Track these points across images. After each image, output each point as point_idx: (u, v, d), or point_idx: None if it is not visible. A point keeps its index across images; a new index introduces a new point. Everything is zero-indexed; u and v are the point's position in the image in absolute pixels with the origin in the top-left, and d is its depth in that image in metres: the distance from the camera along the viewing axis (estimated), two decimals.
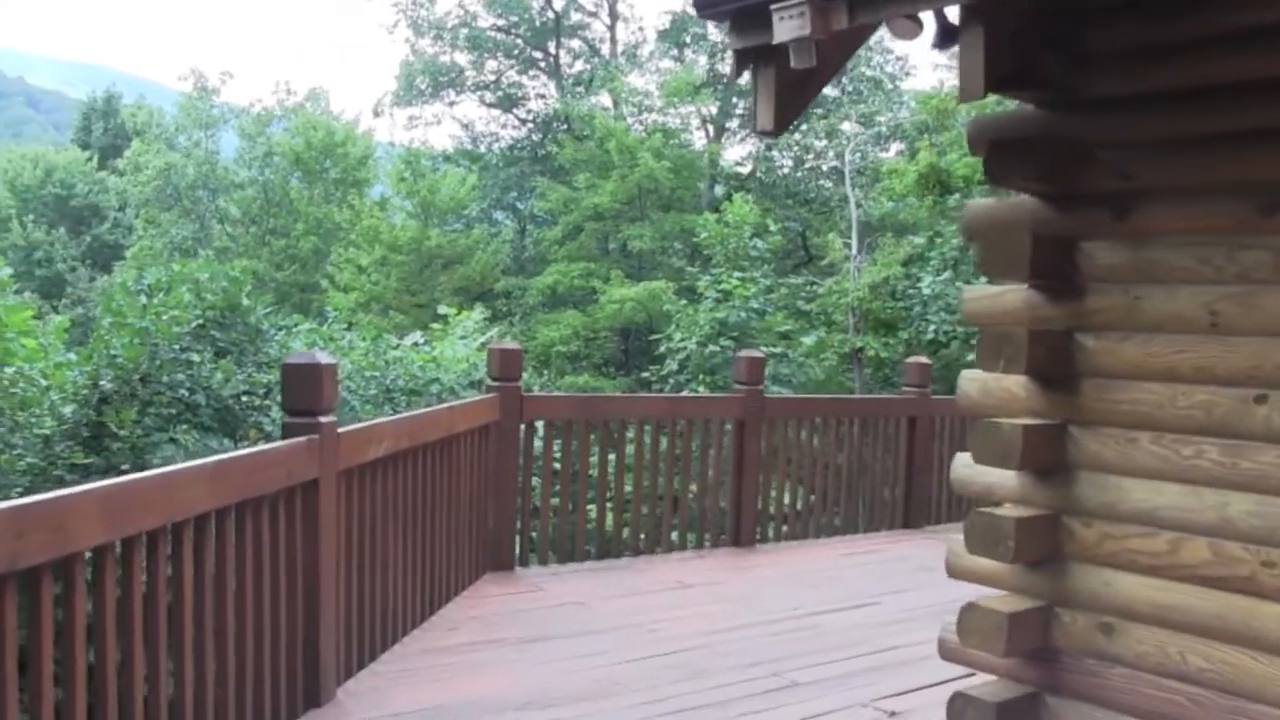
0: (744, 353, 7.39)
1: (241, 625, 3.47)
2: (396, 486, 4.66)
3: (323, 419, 3.84)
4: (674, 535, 7.11)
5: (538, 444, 6.61)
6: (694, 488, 7.19)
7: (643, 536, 6.91)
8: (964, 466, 3.97)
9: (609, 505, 6.75)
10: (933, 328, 16.57)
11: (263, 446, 3.61)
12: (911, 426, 8.22)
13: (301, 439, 3.76)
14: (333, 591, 3.99)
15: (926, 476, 8.34)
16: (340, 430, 4.00)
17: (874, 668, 4.89)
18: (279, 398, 11.63)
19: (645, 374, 19.94)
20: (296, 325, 13.57)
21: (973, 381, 3.94)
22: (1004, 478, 3.80)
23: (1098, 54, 3.58)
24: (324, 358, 3.86)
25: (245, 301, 11.38)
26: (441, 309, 16.80)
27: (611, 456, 6.81)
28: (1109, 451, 3.57)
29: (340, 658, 4.14)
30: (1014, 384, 3.77)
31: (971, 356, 12.32)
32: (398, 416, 4.71)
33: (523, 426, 6.25)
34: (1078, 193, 3.63)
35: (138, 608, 2.87)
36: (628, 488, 7.00)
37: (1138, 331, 3.51)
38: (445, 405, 5.26)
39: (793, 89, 3.66)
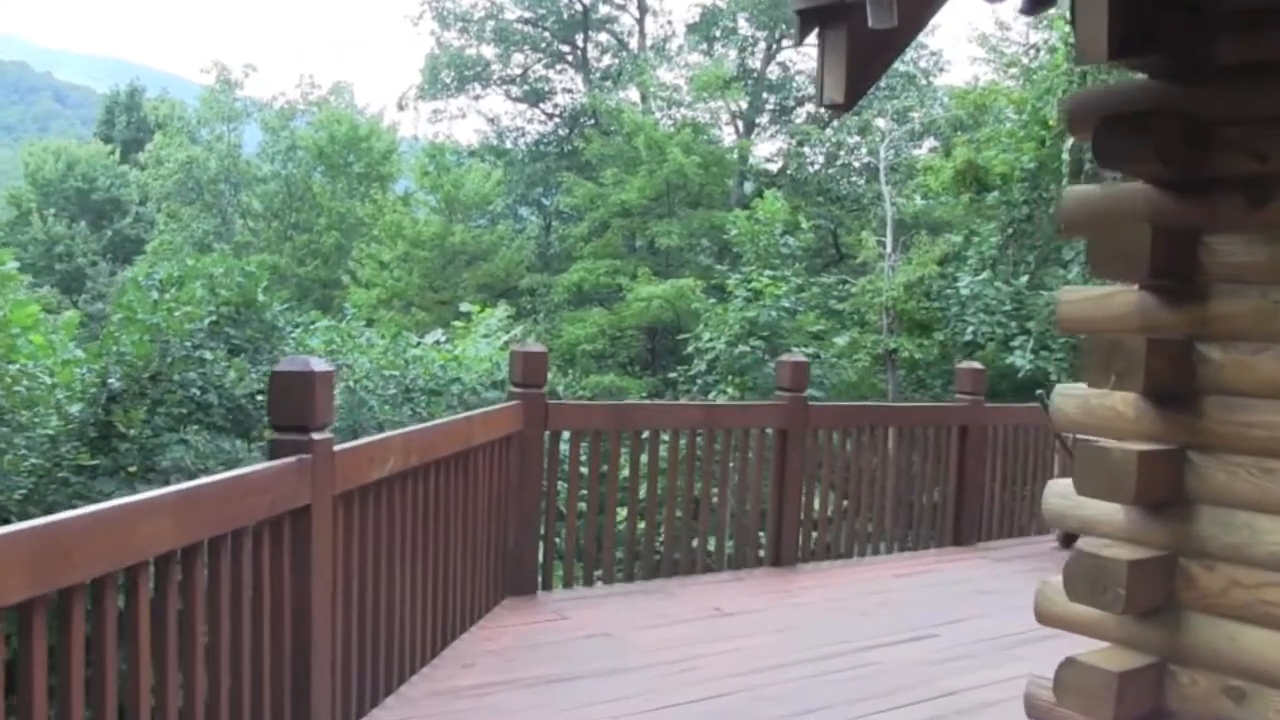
0: (787, 357, 6.83)
1: (215, 686, 2.94)
2: (405, 508, 4.14)
3: (316, 436, 3.31)
4: (709, 554, 6.57)
5: (563, 449, 6.10)
6: (731, 503, 6.65)
7: (676, 557, 6.36)
8: (1058, 497, 3.42)
9: (640, 523, 6.22)
10: (970, 329, 16.00)
11: (240, 471, 3.09)
12: (963, 437, 7.65)
13: (291, 460, 3.23)
14: (327, 633, 3.46)
15: (978, 490, 7.77)
16: (338, 448, 3.48)
17: (938, 717, 4.32)
18: None
19: (672, 374, 19.55)
20: (314, 322, 13.15)
21: (1070, 397, 3.38)
22: (1107, 512, 3.25)
23: (1230, 16, 3.03)
24: (318, 365, 3.34)
25: (261, 297, 10.97)
26: (464, 306, 16.36)
27: (643, 469, 6.27)
28: (1239, 483, 3.01)
29: (336, 708, 3.62)
30: (1121, 402, 3.22)
31: (1014, 359, 11.74)
32: (407, 430, 4.18)
33: (548, 436, 5.71)
34: (1203, 177, 3.08)
35: (77, 673, 2.35)
36: (659, 503, 6.46)
37: (1275, 342, 2.95)
38: (462, 415, 4.74)
39: (866, 54, 3.14)
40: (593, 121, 29.03)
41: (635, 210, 24.56)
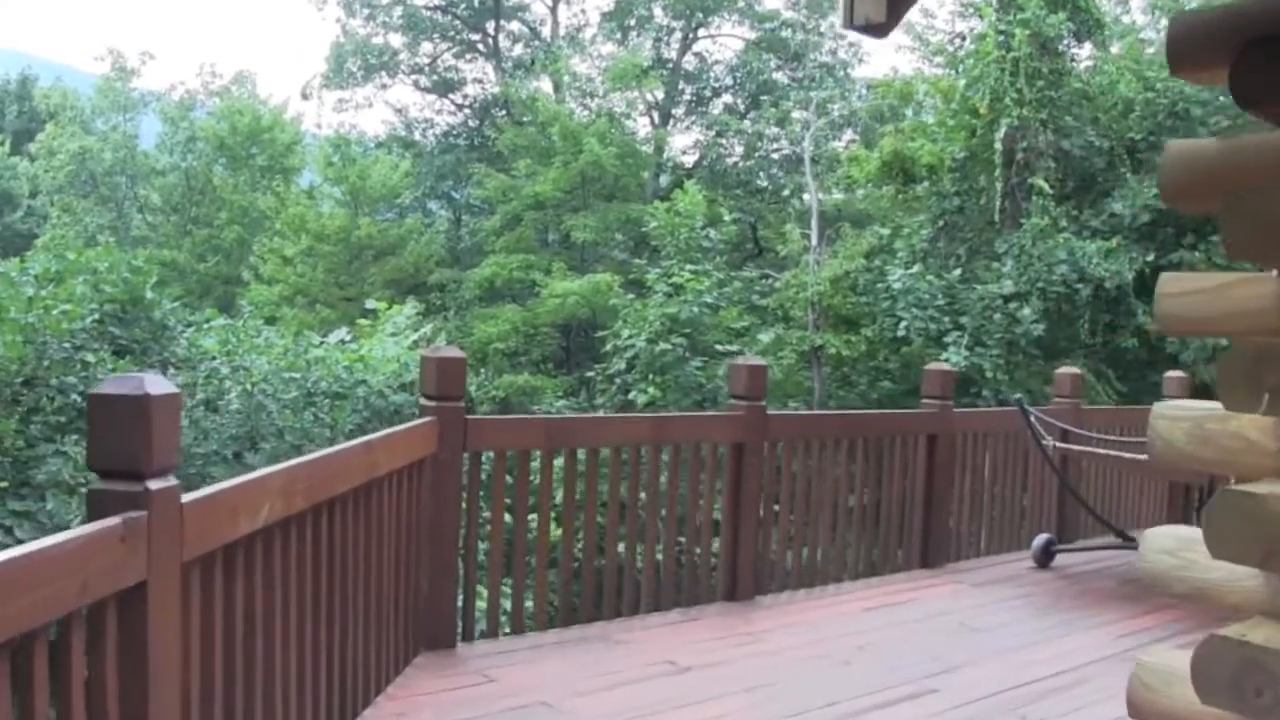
0: (742, 360, 5.96)
1: None
2: (288, 565, 3.19)
3: (154, 485, 2.36)
4: (657, 591, 5.68)
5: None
6: (682, 532, 5.78)
7: (619, 597, 5.45)
8: (1163, 553, 2.58)
9: (576, 559, 5.32)
10: (903, 324, 15.38)
11: (34, 546, 2.10)
12: (931, 446, 6.86)
13: (115, 521, 2.27)
14: None
15: (946, 506, 6.99)
16: (189, 499, 2.53)
17: None
18: (188, 401, 10.26)
19: (590, 373, 18.89)
20: (209, 320, 12.15)
21: (1177, 421, 2.54)
22: (1240, 577, 2.42)
23: None
24: (156, 386, 2.38)
25: (150, 294, 10.20)
26: (370, 303, 15.55)
27: (580, 494, 5.37)
28: None
29: None
30: (1255, 428, 2.39)
31: (947, 355, 11.04)
32: (288, 466, 3.21)
33: (467, 459, 4.77)
34: None
35: None
36: (599, 535, 5.54)
37: None
38: (361, 442, 3.79)
39: None
40: (505, 112, 28.04)
41: (549, 203, 23.68)
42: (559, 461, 5.33)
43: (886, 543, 6.73)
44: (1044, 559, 7.08)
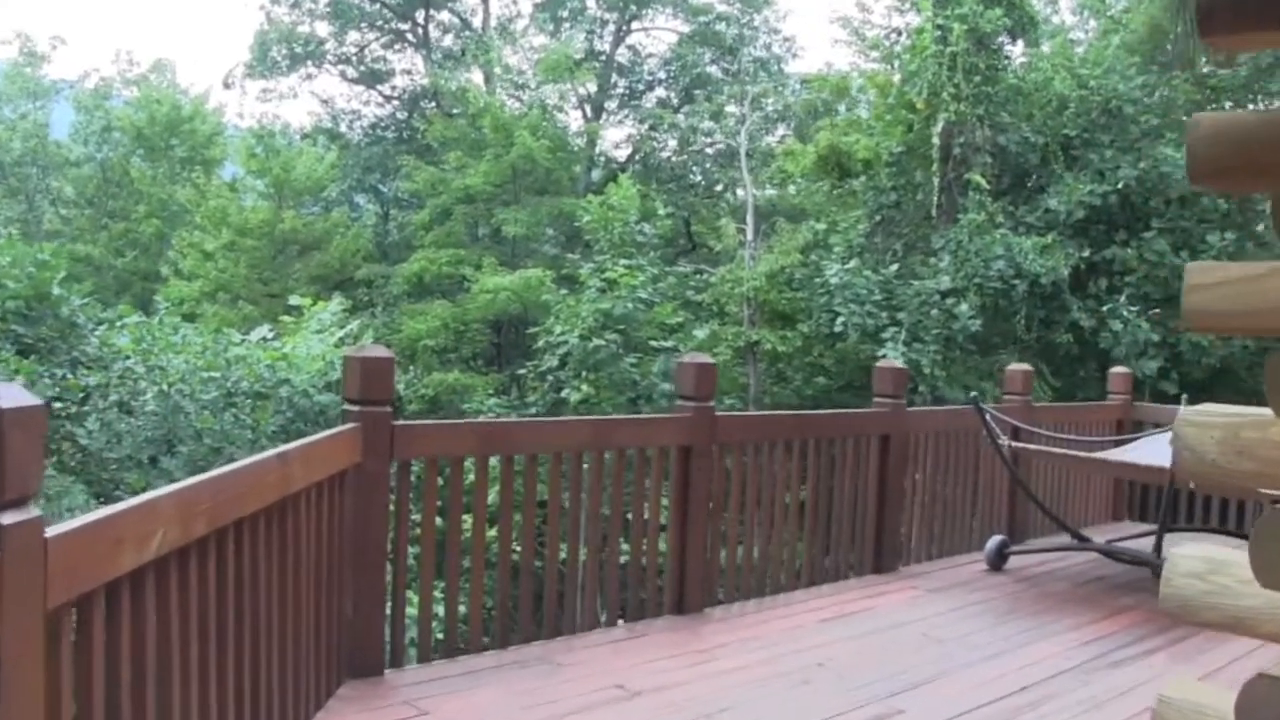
0: (689, 358, 5.60)
1: None
2: (187, 598, 2.78)
3: (6, 519, 1.95)
4: (600, 605, 5.32)
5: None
6: (627, 542, 5.42)
7: (560, 613, 5.08)
8: (1190, 577, 2.27)
9: (515, 566, 4.94)
10: (840, 319, 15.20)
11: None
12: (884, 447, 6.57)
13: None
14: None
15: (899, 508, 6.71)
16: (53, 532, 2.12)
17: None
18: (100, 403, 9.75)
19: (521, 370, 18.56)
20: (122, 318, 11.64)
21: (1205, 428, 2.23)
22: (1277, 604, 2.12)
23: None
24: (11, 397, 1.97)
25: (57, 290, 9.86)
26: (294, 299, 15.10)
27: (517, 504, 5.00)
28: None
29: None
30: None
31: (885, 351, 10.84)
32: (184, 486, 2.78)
33: (395, 468, 4.37)
34: None
35: None
36: (538, 546, 5.17)
37: None
38: (274, 453, 3.38)
39: None
40: (434, 104, 27.49)
41: (480, 197, 23.21)
42: (495, 468, 4.95)
43: (839, 548, 6.43)
44: (998, 561, 6.83)
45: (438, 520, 4.63)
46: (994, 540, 6.88)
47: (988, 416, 6.53)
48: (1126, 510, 8.72)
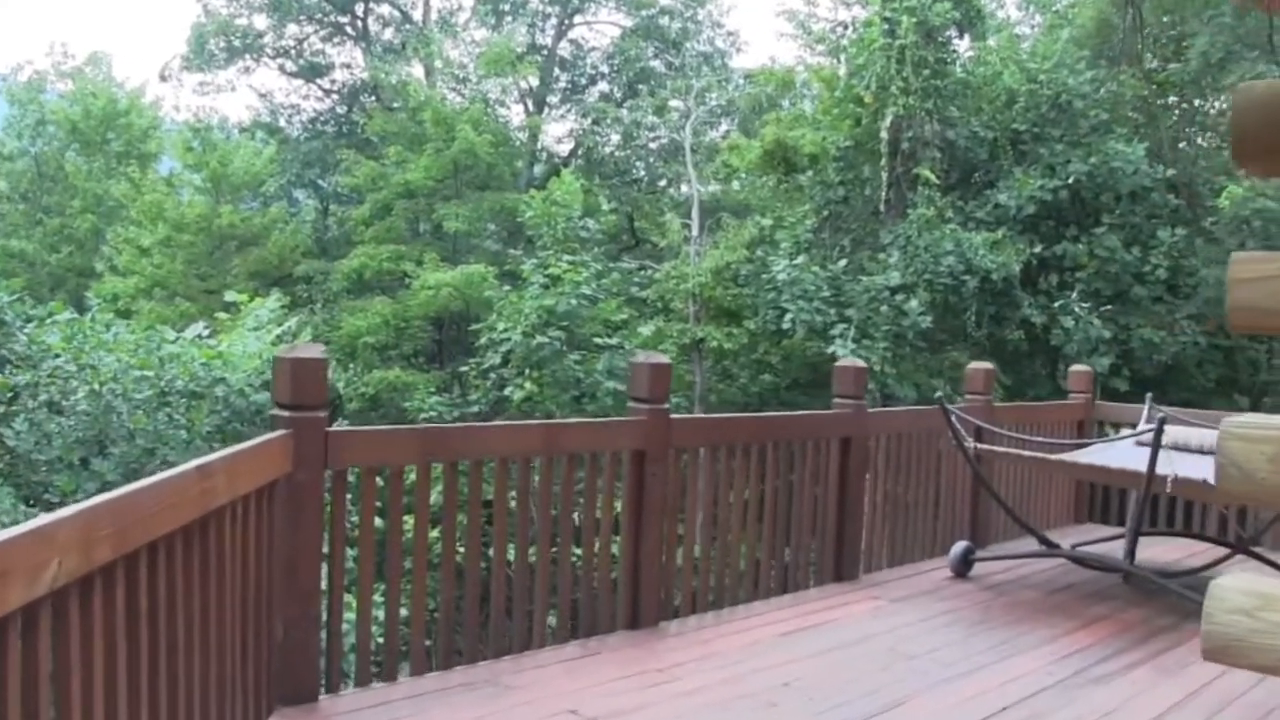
0: (643, 357, 5.28)
1: None
2: (90, 633, 2.44)
3: None
4: (551, 621, 5.00)
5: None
6: (578, 551, 5.11)
7: (509, 627, 4.75)
8: (1237, 614, 2.00)
9: (458, 587, 4.61)
10: (788, 316, 15.00)
11: None
12: (845, 450, 6.31)
13: None
14: None
15: (860, 513, 6.45)
16: None
17: None
18: (29, 403, 9.33)
19: (463, 368, 18.25)
20: (52, 315, 11.28)
21: (1255, 443, 1.96)
22: None
23: None
24: None
25: None
26: (230, 295, 14.69)
27: (461, 515, 4.66)
28: None
29: None
30: None
31: (834, 348, 10.64)
32: (86, 507, 2.43)
33: (330, 477, 4.03)
34: None
35: None
36: (485, 557, 4.85)
37: None
38: (193, 465, 3.03)
39: None
40: (374, 98, 26.98)
41: (421, 192, 22.80)
42: (438, 476, 4.62)
43: (798, 556, 6.16)
44: (962, 568, 6.59)
45: (377, 530, 4.29)
46: (959, 546, 6.65)
47: (953, 418, 6.28)
48: (1088, 513, 8.55)
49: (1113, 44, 16.62)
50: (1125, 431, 7.46)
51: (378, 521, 4.33)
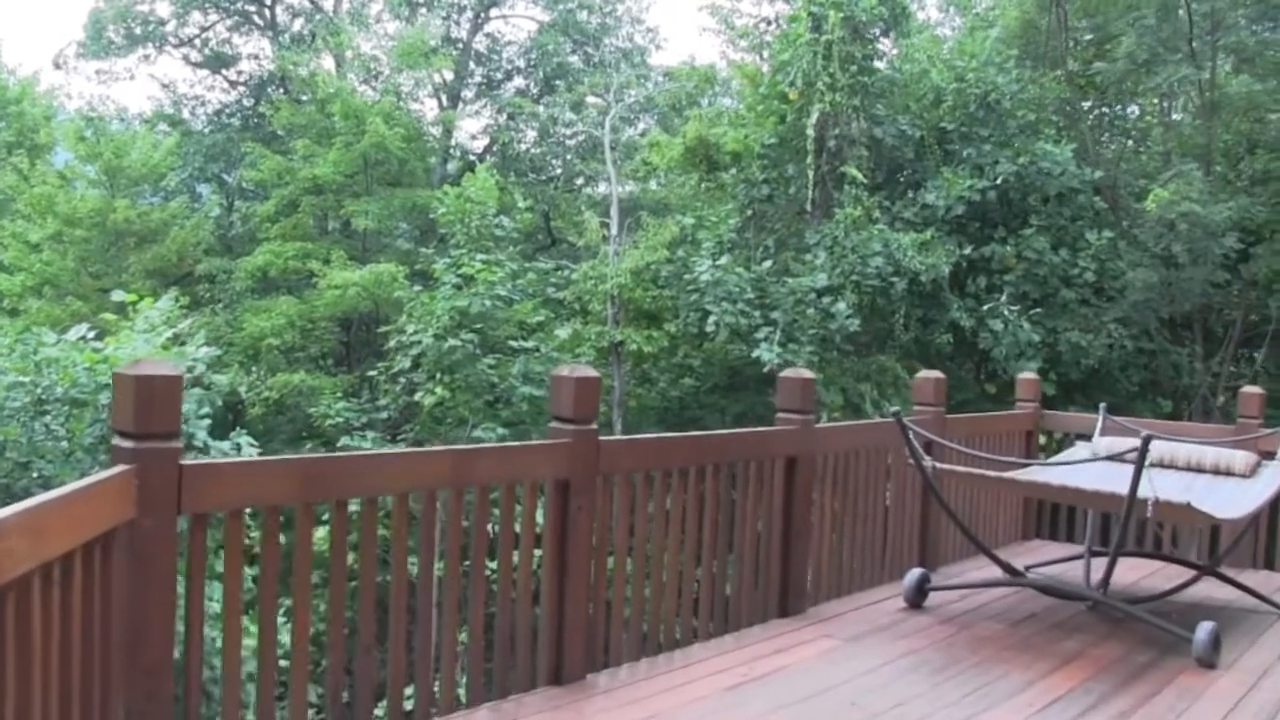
0: (566, 371, 4.58)
1: None
2: None
3: None
4: (462, 678, 4.30)
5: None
6: (492, 601, 4.41)
7: (412, 689, 4.04)
8: None
9: (347, 648, 3.88)
10: (712, 318, 14.50)
11: None
12: (790, 470, 5.68)
13: None
14: None
15: (806, 541, 5.83)
16: None
17: None
18: None
19: (372, 372, 17.63)
20: None
21: None
22: None
23: None
24: None
25: None
26: (118, 295, 13.71)
27: (353, 559, 3.94)
28: None
29: None
30: None
31: (759, 352, 10.04)
32: None
33: (185, 523, 3.29)
34: None
35: None
36: (381, 607, 4.12)
37: None
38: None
39: None
40: (282, 90, 25.95)
41: (329, 187, 21.94)
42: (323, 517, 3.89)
43: (740, 591, 5.52)
44: (917, 598, 6.00)
45: (247, 590, 3.56)
46: (913, 574, 6.05)
47: (910, 434, 5.68)
48: (1035, 529, 8.05)
49: (1038, 44, 16.33)
50: (1080, 445, 6.95)
51: (248, 578, 3.59)
